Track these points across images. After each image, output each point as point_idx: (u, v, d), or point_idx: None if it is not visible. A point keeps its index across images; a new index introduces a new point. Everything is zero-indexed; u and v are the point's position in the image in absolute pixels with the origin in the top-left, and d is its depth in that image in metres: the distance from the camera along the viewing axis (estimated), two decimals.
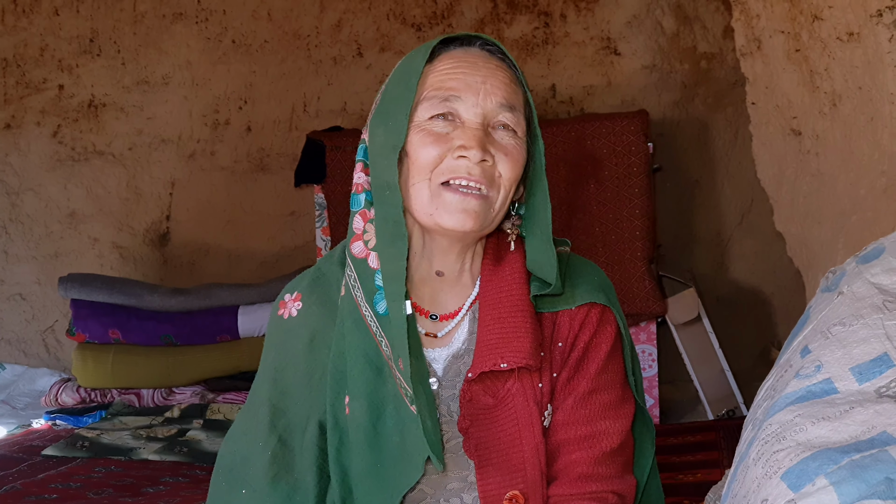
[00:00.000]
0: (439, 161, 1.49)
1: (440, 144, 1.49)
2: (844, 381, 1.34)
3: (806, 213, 3.37)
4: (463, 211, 1.49)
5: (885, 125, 2.67)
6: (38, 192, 5.68)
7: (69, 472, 3.79)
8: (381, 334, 1.51)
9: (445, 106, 1.50)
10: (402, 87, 1.53)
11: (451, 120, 1.51)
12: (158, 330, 4.89)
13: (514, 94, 1.54)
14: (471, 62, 1.53)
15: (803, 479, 1.20)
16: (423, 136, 1.50)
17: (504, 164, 1.51)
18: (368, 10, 5.44)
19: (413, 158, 1.51)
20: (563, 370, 1.58)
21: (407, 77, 1.53)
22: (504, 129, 1.52)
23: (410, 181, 1.51)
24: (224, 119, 5.61)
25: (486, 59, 1.54)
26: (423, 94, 1.52)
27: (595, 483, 1.54)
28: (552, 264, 1.55)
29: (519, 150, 1.53)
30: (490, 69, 1.53)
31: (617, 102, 5.20)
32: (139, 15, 5.56)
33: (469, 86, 1.51)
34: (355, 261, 1.55)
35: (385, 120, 1.54)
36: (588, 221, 4.53)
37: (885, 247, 1.56)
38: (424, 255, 1.59)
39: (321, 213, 4.85)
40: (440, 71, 1.53)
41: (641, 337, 4.53)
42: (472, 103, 1.50)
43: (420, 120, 1.51)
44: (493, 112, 1.51)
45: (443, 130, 1.50)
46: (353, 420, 1.54)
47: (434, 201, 1.50)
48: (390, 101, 1.55)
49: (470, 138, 1.48)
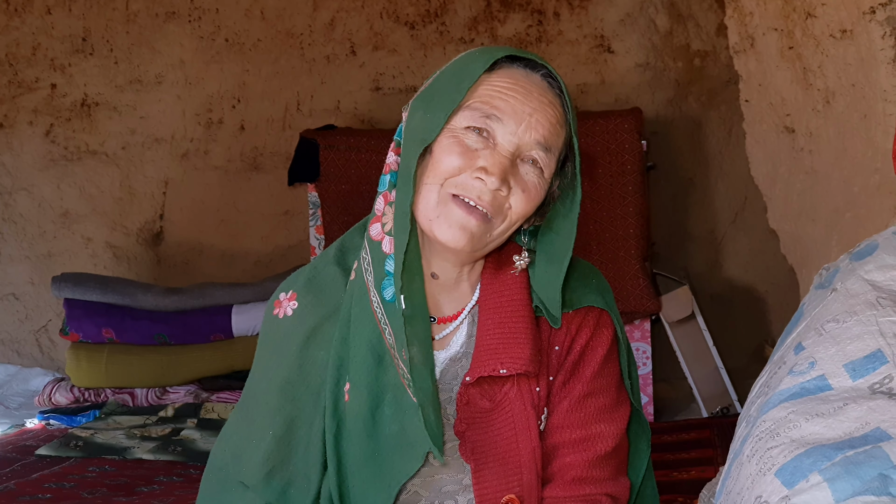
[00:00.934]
0: (458, 173, 1.48)
1: (465, 158, 1.47)
2: (838, 377, 1.35)
3: (800, 210, 3.37)
4: (461, 228, 1.48)
5: (878, 122, 2.67)
6: (31, 192, 5.66)
7: (63, 472, 3.78)
8: (385, 321, 1.50)
9: (485, 122, 1.48)
10: (452, 85, 1.50)
11: (484, 137, 1.48)
12: (152, 329, 4.88)
13: (555, 135, 1.52)
14: (526, 88, 1.50)
15: (797, 476, 1.20)
16: (452, 143, 1.48)
17: (518, 199, 1.50)
18: (362, 9, 5.44)
19: (435, 160, 1.49)
20: (559, 374, 1.58)
21: (460, 77, 1.50)
22: (532, 164, 1.51)
23: (425, 179, 1.50)
24: (217, 118, 5.60)
25: (542, 92, 1.51)
26: (468, 101, 1.49)
27: (589, 486, 1.54)
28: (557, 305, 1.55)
29: (538, 190, 1.52)
30: (542, 103, 1.50)
31: (610, 100, 5.20)
32: (132, 14, 5.54)
33: (515, 112, 1.48)
34: (371, 243, 1.54)
35: (426, 108, 1.51)
36: (582, 219, 4.43)
37: (879, 244, 1.56)
38: (424, 255, 1.58)
39: (315, 211, 4.85)
40: (494, 85, 1.50)
41: (635, 335, 4.53)
42: (511, 130, 1.48)
43: (456, 126, 1.49)
44: (528, 146, 1.49)
45: (473, 145, 1.48)
46: (352, 407, 1.54)
47: (438, 208, 1.49)
48: (437, 92, 1.52)
49: (494, 164, 1.46)
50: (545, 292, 1.56)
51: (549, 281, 1.56)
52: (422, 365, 1.49)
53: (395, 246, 1.49)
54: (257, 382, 1.66)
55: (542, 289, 1.56)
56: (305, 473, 1.57)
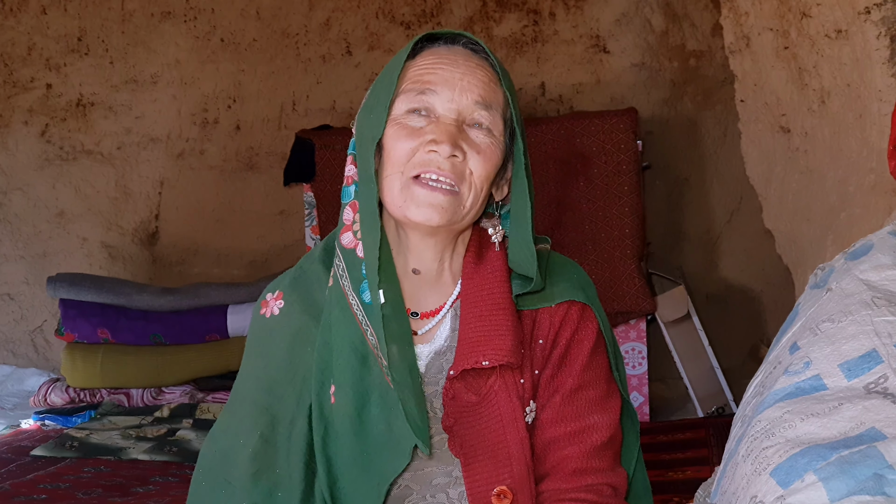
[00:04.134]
0: (412, 154, 1.50)
1: (413, 138, 1.50)
2: (833, 377, 1.35)
3: (795, 210, 3.38)
4: (430, 205, 1.49)
5: (873, 122, 2.68)
6: (27, 192, 5.66)
7: (58, 473, 3.78)
8: (366, 323, 1.52)
9: (421, 100, 1.51)
10: (384, 81, 1.55)
11: (425, 115, 1.51)
12: (147, 329, 4.88)
13: (492, 92, 1.54)
14: (451, 59, 1.53)
15: (792, 476, 1.20)
16: (397, 130, 1.51)
17: (475, 162, 1.51)
18: (357, 9, 5.44)
19: (388, 151, 1.52)
20: (545, 367, 1.58)
21: (390, 71, 1.55)
22: (479, 127, 1.52)
23: (384, 173, 1.52)
24: (213, 118, 5.60)
25: (467, 57, 1.54)
26: (401, 88, 1.53)
27: (590, 476, 1.55)
28: (532, 261, 1.55)
29: (493, 149, 1.53)
30: (469, 67, 1.53)
31: (606, 100, 5.21)
32: (127, 14, 5.54)
33: (446, 81, 1.51)
34: (344, 251, 1.56)
35: (368, 113, 1.56)
36: (577, 219, 4.53)
37: (874, 243, 1.56)
38: (400, 250, 1.60)
39: (310, 211, 4.85)
40: (420, 66, 1.54)
41: (631, 335, 4.53)
42: (447, 98, 1.51)
43: (397, 113, 1.53)
44: (468, 109, 1.52)
45: (417, 125, 1.51)
46: (339, 409, 1.55)
47: (403, 193, 1.51)
48: (373, 94, 1.57)
49: (441, 133, 1.49)
50: (518, 254, 1.57)
51: (520, 241, 1.56)
52: (400, 362, 1.51)
53: (367, 246, 1.51)
54: (245, 382, 1.67)
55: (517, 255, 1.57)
56: (289, 474, 1.58)
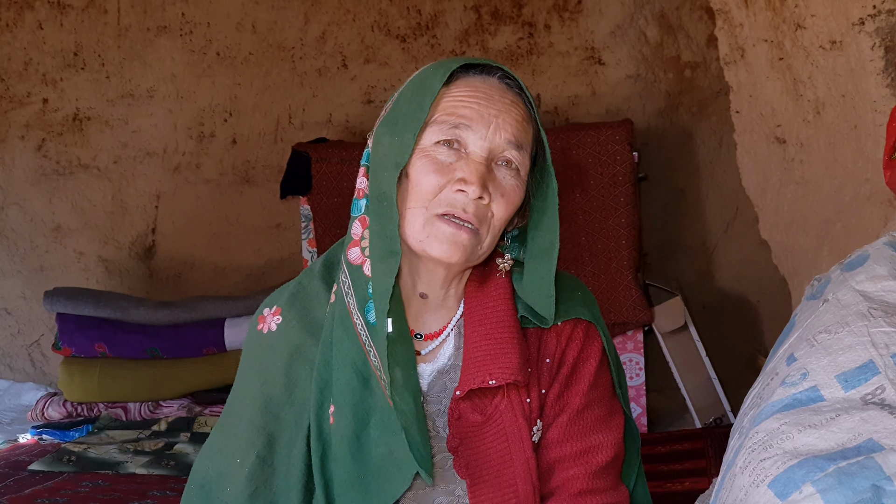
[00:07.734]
0: (439, 191, 1.48)
1: (442, 174, 1.48)
2: (830, 388, 1.35)
3: (791, 220, 3.38)
4: (452, 243, 1.48)
5: (868, 132, 2.68)
6: (23, 206, 5.65)
7: (56, 487, 3.77)
8: (370, 344, 1.50)
9: (454, 133, 1.49)
10: (414, 104, 1.51)
11: (456, 149, 1.49)
12: (145, 343, 4.87)
13: (524, 132, 1.52)
14: (487, 93, 1.51)
15: (790, 487, 1.20)
16: (426, 163, 1.49)
17: (498, 205, 1.50)
18: (353, 22, 5.44)
19: (414, 183, 1.50)
20: (552, 386, 1.58)
21: (421, 95, 1.51)
22: (507, 165, 1.51)
23: (408, 204, 1.50)
24: (209, 132, 5.60)
25: (502, 93, 1.52)
26: (433, 117, 1.50)
27: (594, 497, 1.55)
28: (549, 302, 1.54)
29: (517, 192, 1.52)
30: (505, 104, 1.51)
31: (601, 112, 5.21)
32: (123, 28, 5.54)
33: (481, 117, 1.49)
34: (351, 267, 1.54)
35: (392, 131, 1.52)
36: (573, 231, 4.53)
37: (870, 254, 1.57)
38: (410, 275, 1.58)
39: (307, 224, 4.84)
40: (455, 97, 1.51)
41: (628, 346, 4.53)
42: (480, 136, 1.49)
43: (426, 144, 1.50)
44: (500, 148, 1.50)
45: (446, 160, 1.49)
46: (337, 430, 1.53)
47: (426, 229, 1.49)
48: (400, 114, 1.53)
49: (471, 173, 1.47)
50: (535, 291, 1.56)
51: (540, 277, 1.55)
52: (404, 388, 1.49)
53: (381, 271, 1.49)
54: (240, 399, 1.65)
55: (532, 288, 1.56)
56: (287, 494, 1.56)
